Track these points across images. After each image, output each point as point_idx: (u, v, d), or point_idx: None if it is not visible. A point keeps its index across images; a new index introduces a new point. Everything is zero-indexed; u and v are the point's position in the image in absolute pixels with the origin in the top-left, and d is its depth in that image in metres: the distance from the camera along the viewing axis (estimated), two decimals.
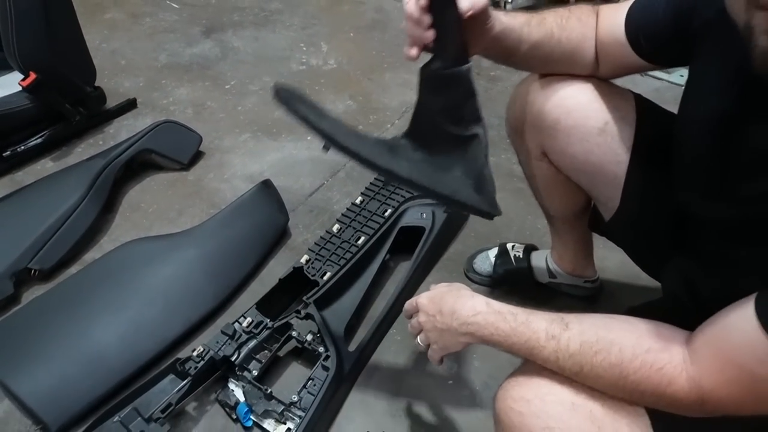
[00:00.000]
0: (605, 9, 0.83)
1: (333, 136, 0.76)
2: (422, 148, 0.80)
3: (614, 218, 0.92)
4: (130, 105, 1.89)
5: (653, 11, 0.76)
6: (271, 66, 2.15)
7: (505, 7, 2.47)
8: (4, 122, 1.54)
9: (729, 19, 0.55)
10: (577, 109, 0.86)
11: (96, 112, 1.77)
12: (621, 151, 0.85)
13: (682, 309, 0.76)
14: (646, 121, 0.85)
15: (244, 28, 2.40)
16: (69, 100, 1.64)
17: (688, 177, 0.73)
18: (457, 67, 0.73)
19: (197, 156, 1.70)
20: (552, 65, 0.87)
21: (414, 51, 0.73)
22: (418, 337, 0.83)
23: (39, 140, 1.64)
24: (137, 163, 1.61)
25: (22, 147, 1.62)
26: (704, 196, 0.70)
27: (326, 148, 0.78)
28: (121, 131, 1.81)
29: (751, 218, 0.62)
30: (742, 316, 0.55)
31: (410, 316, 0.86)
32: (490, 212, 0.77)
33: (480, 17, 0.74)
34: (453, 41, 0.72)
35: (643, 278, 1.01)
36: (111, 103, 1.86)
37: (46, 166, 1.67)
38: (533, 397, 0.66)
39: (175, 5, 2.56)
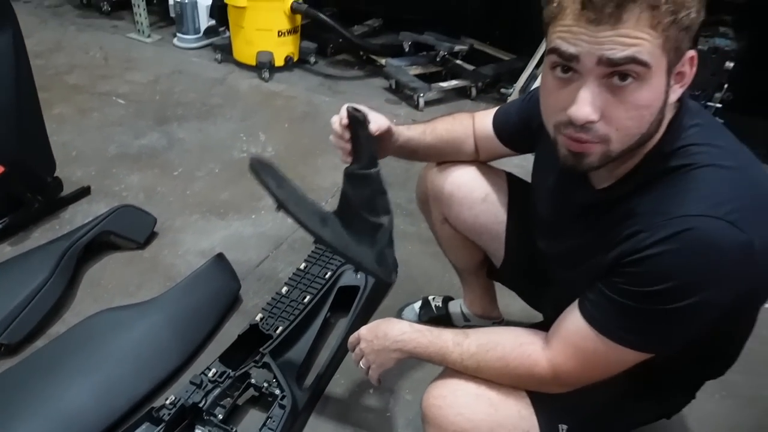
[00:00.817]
0: (479, 114, 1.17)
1: (284, 203, 1.06)
2: (344, 224, 1.09)
3: (502, 266, 1.23)
4: (83, 192, 2.06)
5: (509, 116, 1.11)
6: (214, 154, 2.40)
7: (417, 102, 2.89)
8: None
9: None
10: (465, 184, 1.18)
11: (53, 199, 1.92)
12: (500, 214, 1.17)
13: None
14: (514, 190, 1.18)
15: (188, 121, 2.65)
16: (30, 189, 1.80)
17: (539, 227, 1.05)
18: (369, 169, 1.03)
19: (152, 236, 1.88)
20: (444, 157, 1.20)
21: (342, 157, 1.04)
22: (361, 362, 1.06)
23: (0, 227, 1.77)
24: (96, 244, 1.76)
25: None
26: (548, 239, 1.01)
27: (277, 209, 1.09)
28: (77, 216, 1.97)
29: (570, 252, 0.93)
30: (573, 312, 0.84)
31: (353, 348, 1.08)
32: (384, 280, 1.07)
33: (386, 134, 1.06)
34: (366, 151, 1.03)
35: (539, 318, 1.31)
36: (66, 190, 2.02)
37: (4, 250, 1.79)
38: (447, 393, 0.92)
39: (121, 101, 2.79)
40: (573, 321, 0.83)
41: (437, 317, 1.55)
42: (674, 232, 0.71)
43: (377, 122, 1.04)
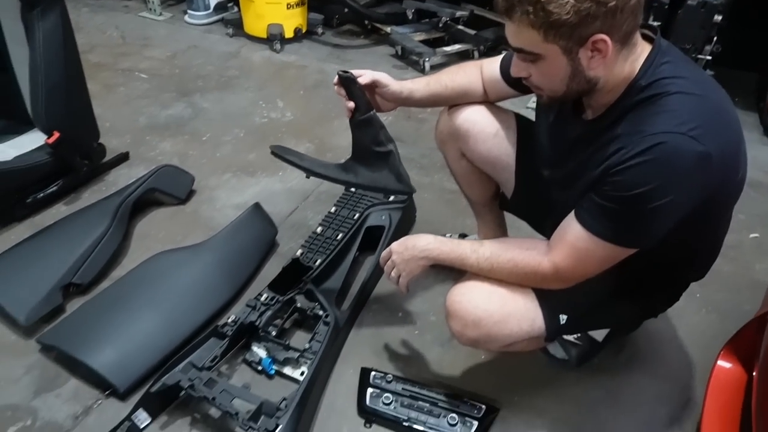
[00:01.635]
0: (487, 61, 1.34)
1: (310, 169, 1.36)
2: (361, 164, 1.35)
3: (513, 195, 1.41)
4: (123, 158, 2.24)
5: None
6: (237, 121, 2.58)
7: (423, 66, 3.05)
8: (30, 174, 1.85)
9: None
10: (479, 121, 1.35)
11: (98, 164, 2.11)
12: (510, 147, 1.35)
13: None
14: (522, 127, 1.35)
15: (209, 92, 2.82)
16: (79, 154, 1.98)
17: (542, 157, 1.23)
18: (366, 114, 1.29)
19: (191, 193, 2.07)
20: (450, 103, 1.38)
21: (346, 113, 1.30)
22: (392, 273, 1.25)
23: (54, 188, 1.96)
24: (142, 201, 1.95)
25: (41, 194, 1.93)
26: (550, 167, 1.19)
27: (308, 176, 1.38)
28: (119, 179, 2.15)
29: (567, 175, 1.11)
30: (570, 220, 1.03)
31: (385, 262, 1.27)
32: (408, 191, 1.35)
33: (380, 83, 1.29)
34: (361, 102, 1.28)
35: None
36: (106, 157, 2.20)
37: (60, 210, 1.98)
38: (466, 291, 1.13)
39: (143, 76, 2.95)
40: (570, 226, 1.03)
41: None
42: (648, 146, 0.90)
43: (367, 76, 1.27)
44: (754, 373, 1.13)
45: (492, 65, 1.33)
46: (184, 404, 1.36)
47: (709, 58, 2.61)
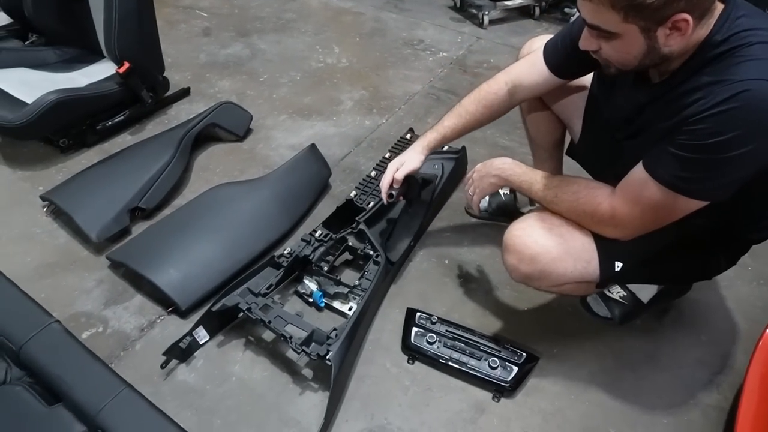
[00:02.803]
0: (516, 70, 1.33)
1: None
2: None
3: (579, 141, 1.40)
4: (184, 93, 2.31)
5: (557, 48, 1.25)
6: (294, 64, 2.60)
7: (482, 20, 2.98)
8: (101, 102, 1.94)
9: None
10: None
11: (162, 97, 2.18)
12: (583, 92, 1.33)
13: None
14: (594, 77, 1.33)
15: (267, 34, 2.84)
16: (146, 85, 2.05)
17: (607, 119, 1.22)
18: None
19: (248, 131, 2.12)
20: (485, 121, 1.40)
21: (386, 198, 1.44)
22: (469, 190, 1.33)
23: (121, 118, 2.05)
24: (203, 135, 2.02)
25: (110, 123, 2.02)
26: (616, 130, 1.18)
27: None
28: (181, 113, 2.22)
29: (634, 132, 1.10)
30: (637, 167, 1.02)
31: (469, 180, 1.34)
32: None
33: (414, 170, 1.44)
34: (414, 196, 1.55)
35: None
36: (169, 91, 2.27)
37: (126, 139, 2.07)
38: (526, 226, 1.16)
39: (203, 14, 2.99)
40: (637, 173, 1.02)
41: (505, 203, 1.75)
42: (733, 93, 0.87)
43: (403, 170, 1.41)
44: None
45: (530, 69, 1.31)
46: (240, 326, 1.45)
47: None
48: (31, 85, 1.90)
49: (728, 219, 1.12)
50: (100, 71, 2.01)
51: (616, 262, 1.15)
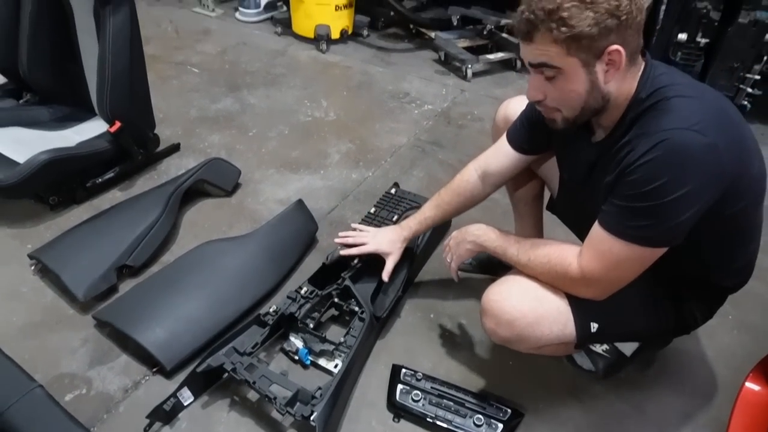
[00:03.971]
0: (486, 158, 1.45)
1: None
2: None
3: (557, 197, 1.45)
4: (174, 148, 2.35)
5: (516, 130, 1.38)
6: (283, 117, 2.67)
7: (466, 73, 3.08)
8: (92, 160, 1.98)
9: None
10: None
11: (152, 152, 2.22)
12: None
13: None
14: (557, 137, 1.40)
15: (256, 88, 2.92)
16: (136, 142, 2.10)
17: (568, 175, 1.30)
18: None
19: (236, 186, 2.16)
20: (462, 207, 1.52)
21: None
22: (447, 257, 1.39)
23: (111, 174, 2.08)
24: (191, 191, 2.05)
25: (100, 179, 2.05)
26: (577, 184, 1.26)
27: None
28: (171, 168, 2.26)
29: (592, 191, 1.15)
30: (596, 225, 1.07)
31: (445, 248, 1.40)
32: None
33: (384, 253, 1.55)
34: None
35: None
36: (160, 146, 2.31)
37: (115, 195, 2.10)
38: (503, 290, 1.19)
39: (195, 70, 3.07)
40: (595, 231, 1.07)
41: (488, 257, 1.78)
42: (656, 143, 0.96)
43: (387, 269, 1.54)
44: None
45: (486, 158, 1.44)
46: (225, 386, 1.44)
47: (758, 77, 2.58)
48: (23, 144, 1.94)
49: (696, 265, 1.16)
50: (92, 129, 2.05)
51: (591, 323, 1.18)
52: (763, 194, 1.11)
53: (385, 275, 1.53)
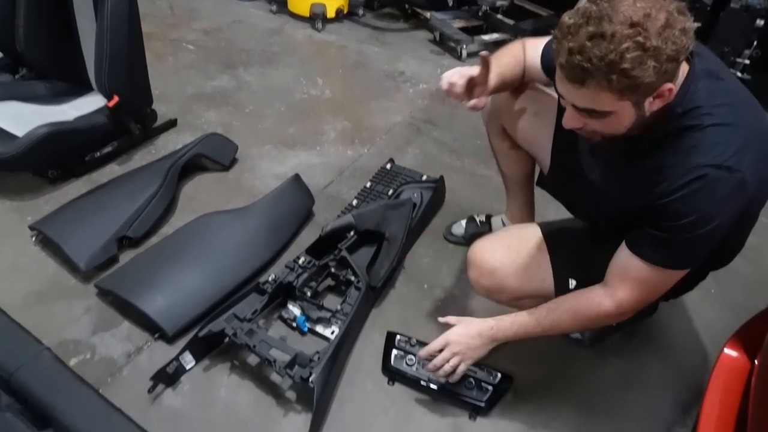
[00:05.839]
0: (530, 44, 1.34)
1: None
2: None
3: (549, 173, 1.48)
4: (171, 124, 2.37)
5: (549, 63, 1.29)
6: (279, 95, 2.69)
7: (461, 53, 3.11)
8: (90, 134, 2.00)
9: None
10: (521, 102, 1.42)
11: (150, 128, 2.24)
12: (549, 128, 1.40)
13: (586, 225, 1.33)
14: (561, 110, 1.41)
15: (252, 66, 2.93)
16: (134, 118, 2.12)
17: (579, 157, 1.28)
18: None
19: (234, 161, 2.19)
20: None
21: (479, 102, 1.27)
22: (450, 363, 1.27)
23: (110, 149, 2.10)
24: (189, 165, 2.08)
25: (98, 154, 2.07)
26: (588, 170, 1.24)
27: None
28: (168, 144, 2.28)
29: (604, 187, 1.17)
30: (624, 255, 1.09)
31: (434, 355, 1.29)
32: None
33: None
34: None
35: None
36: (157, 122, 2.33)
37: (114, 169, 2.12)
38: (487, 244, 1.28)
39: (190, 47, 3.07)
40: (628, 261, 1.09)
41: (480, 231, 1.83)
42: (690, 179, 0.97)
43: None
44: (756, 362, 1.21)
45: (535, 51, 1.33)
46: (225, 351, 1.49)
47: (747, 62, 2.62)
48: (21, 119, 1.95)
49: None
50: (90, 104, 2.07)
51: (570, 279, 1.24)
52: None
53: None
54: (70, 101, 2.13)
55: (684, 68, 0.97)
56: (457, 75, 1.23)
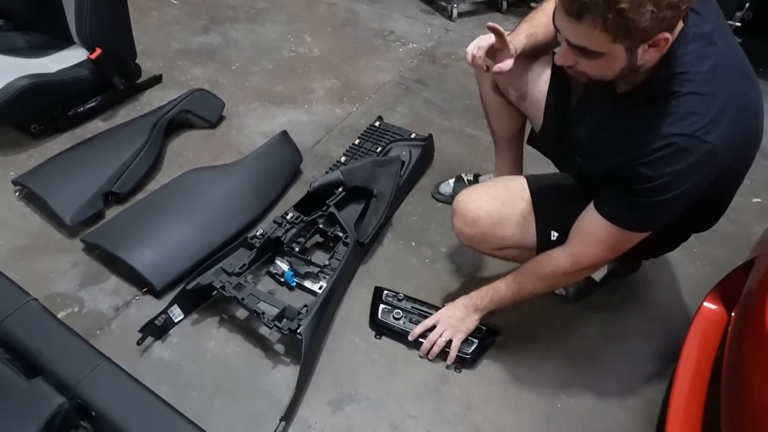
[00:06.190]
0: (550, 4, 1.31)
1: None
2: None
3: (540, 131, 1.48)
4: (156, 80, 2.33)
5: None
6: (266, 53, 2.63)
7: (451, 13, 3.05)
8: (73, 88, 1.95)
9: None
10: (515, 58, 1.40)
11: (134, 83, 2.20)
12: (542, 85, 1.39)
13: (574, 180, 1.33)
14: (555, 68, 1.40)
15: (239, 22, 2.86)
16: (118, 72, 2.07)
17: (567, 112, 1.30)
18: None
19: (221, 118, 2.16)
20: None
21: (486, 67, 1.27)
22: (442, 337, 1.38)
23: (93, 104, 2.06)
24: (176, 122, 2.05)
25: (81, 108, 2.03)
26: (576, 123, 1.25)
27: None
28: (153, 100, 2.24)
29: (589, 136, 1.18)
30: (589, 214, 1.12)
31: (427, 331, 1.40)
32: None
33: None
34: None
35: None
36: (141, 78, 2.28)
37: (98, 125, 2.09)
38: (472, 193, 1.29)
39: (175, 2, 2.99)
40: (592, 220, 1.12)
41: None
42: (661, 146, 0.98)
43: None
44: (732, 314, 1.24)
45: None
46: (214, 305, 1.50)
47: (739, 24, 2.60)
48: (0, 71, 1.90)
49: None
50: (71, 57, 2.02)
51: (552, 232, 1.26)
52: (749, 166, 1.14)
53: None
54: (51, 54, 2.08)
55: (678, 27, 0.96)
56: (475, 46, 1.25)
